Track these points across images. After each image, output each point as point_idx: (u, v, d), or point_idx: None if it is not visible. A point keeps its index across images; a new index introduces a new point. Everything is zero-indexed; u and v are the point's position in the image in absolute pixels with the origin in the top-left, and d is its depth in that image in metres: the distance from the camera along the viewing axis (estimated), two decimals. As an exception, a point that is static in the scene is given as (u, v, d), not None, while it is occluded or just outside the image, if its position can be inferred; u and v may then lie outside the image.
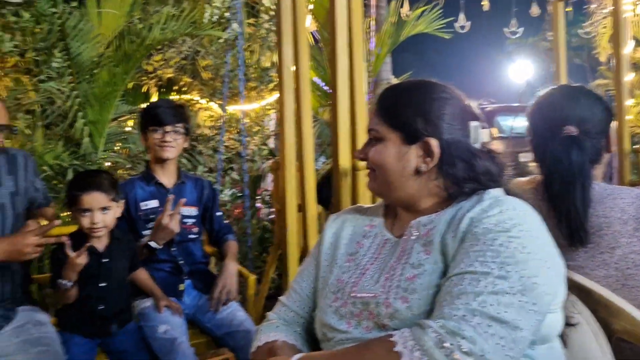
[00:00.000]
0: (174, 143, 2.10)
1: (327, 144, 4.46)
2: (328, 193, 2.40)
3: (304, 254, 2.35)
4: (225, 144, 3.64)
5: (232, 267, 2.15)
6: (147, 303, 1.98)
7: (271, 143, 4.58)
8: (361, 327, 1.03)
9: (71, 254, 1.71)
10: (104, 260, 1.85)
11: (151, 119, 2.09)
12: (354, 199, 2.26)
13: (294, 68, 2.35)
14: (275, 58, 4.31)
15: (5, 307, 1.75)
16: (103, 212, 1.81)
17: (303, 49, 2.32)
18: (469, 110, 1.13)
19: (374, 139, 1.13)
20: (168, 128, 2.07)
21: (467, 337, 0.86)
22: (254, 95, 3.63)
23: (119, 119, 3.57)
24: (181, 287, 2.10)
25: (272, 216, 3.65)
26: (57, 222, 1.72)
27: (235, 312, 2.07)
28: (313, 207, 2.34)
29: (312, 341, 1.17)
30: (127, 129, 3.66)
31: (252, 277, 2.30)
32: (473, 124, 1.11)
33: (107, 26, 3.22)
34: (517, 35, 8.08)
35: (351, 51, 2.29)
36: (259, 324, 1.24)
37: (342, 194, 2.29)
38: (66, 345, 1.75)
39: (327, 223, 1.25)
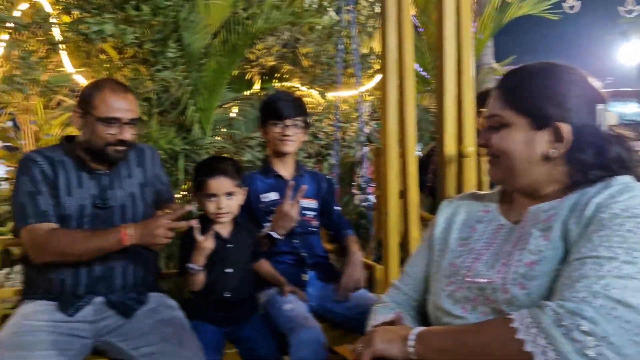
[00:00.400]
0: (294, 137, 2.11)
1: (425, 131, 4.39)
2: (423, 177, 2.37)
3: (404, 240, 2.35)
4: (325, 129, 3.69)
5: (358, 256, 2.13)
6: (272, 290, 2.01)
7: (366, 130, 4.60)
8: (477, 313, 1.03)
9: (199, 237, 1.77)
10: (229, 246, 1.89)
11: (271, 113, 2.11)
12: (460, 187, 2.22)
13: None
14: (373, 44, 4.30)
15: (138, 292, 1.84)
16: (228, 198, 1.86)
17: (407, 34, 2.30)
18: (596, 92, 1.08)
19: (497, 125, 1.10)
20: (288, 122, 2.09)
21: (588, 318, 0.84)
22: (353, 82, 3.66)
23: (224, 106, 3.73)
24: (304, 277, 2.09)
25: (367, 203, 3.65)
26: (188, 207, 1.77)
27: (364, 294, 2.07)
28: (415, 194, 2.33)
29: (425, 324, 1.19)
30: (232, 115, 3.83)
31: (378, 267, 2.31)
32: (600, 106, 1.07)
33: (213, 17, 3.36)
34: (635, 14, 7.46)
35: (458, 35, 2.25)
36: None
37: (447, 181, 2.26)
38: (196, 332, 1.77)
39: (440, 208, 1.25)
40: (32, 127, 3.57)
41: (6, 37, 3.36)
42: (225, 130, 3.72)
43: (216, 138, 3.49)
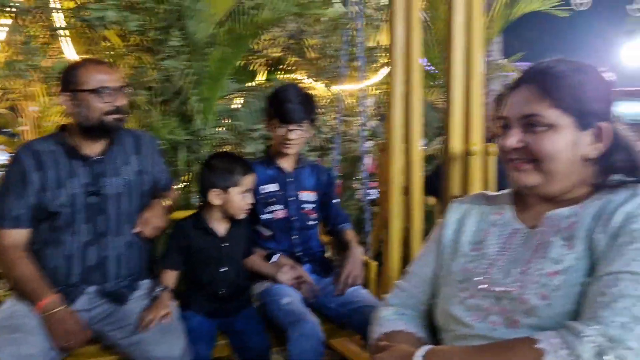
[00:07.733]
0: (297, 140, 2.08)
1: (430, 126, 4.34)
2: (440, 183, 2.32)
3: (407, 237, 2.32)
4: (329, 123, 3.65)
5: (357, 253, 2.12)
6: (267, 283, 2.02)
7: (371, 124, 4.55)
8: (487, 322, 0.99)
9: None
10: (224, 245, 1.90)
11: (277, 112, 2.06)
12: (465, 186, 2.19)
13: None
14: (380, 37, 4.24)
15: (131, 279, 1.88)
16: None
17: (415, 27, 2.26)
18: (613, 92, 1.05)
19: (535, 125, 1.01)
20: (293, 126, 2.04)
21: (634, 348, 0.79)
22: (359, 75, 3.60)
23: (228, 97, 3.68)
24: None
25: (367, 198, 3.62)
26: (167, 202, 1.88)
27: (358, 290, 2.06)
28: (419, 190, 2.30)
29: (430, 327, 1.16)
30: (235, 106, 3.78)
31: (373, 263, 2.31)
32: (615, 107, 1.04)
33: (219, 6, 3.31)
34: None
35: (468, 30, 2.20)
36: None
37: (452, 179, 2.22)
38: (188, 323, 1.81)
39: (450, 208, 1.21)
40: (33, 114, 3.52)
41: (8, 21, 3.30)
42: (228, 121, 3.67)
43: (218, 129, 3.45)
